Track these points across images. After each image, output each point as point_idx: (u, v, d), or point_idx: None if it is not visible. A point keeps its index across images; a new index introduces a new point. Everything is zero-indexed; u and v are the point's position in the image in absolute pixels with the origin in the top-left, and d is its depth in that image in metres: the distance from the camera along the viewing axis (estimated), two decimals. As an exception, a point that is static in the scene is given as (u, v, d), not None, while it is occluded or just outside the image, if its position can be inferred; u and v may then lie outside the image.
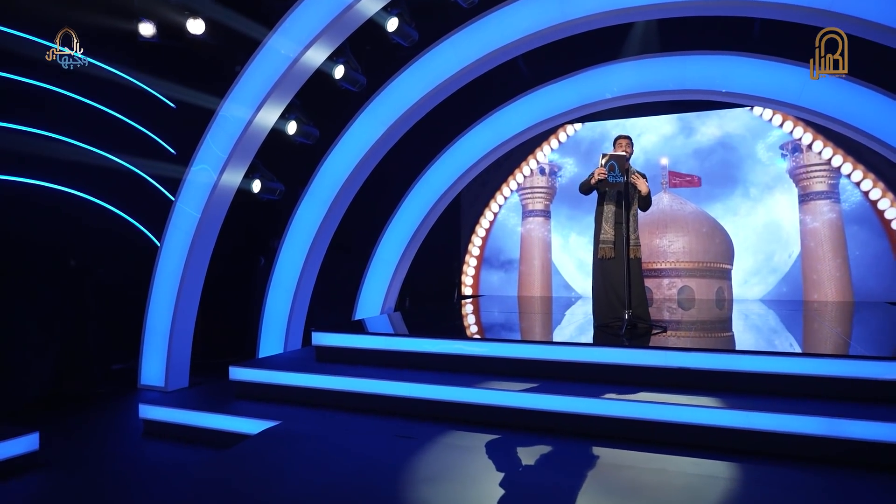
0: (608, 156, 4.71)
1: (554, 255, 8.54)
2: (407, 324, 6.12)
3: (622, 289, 4.86)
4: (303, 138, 6.22)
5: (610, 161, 4.67)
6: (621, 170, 4.69)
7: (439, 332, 5.27)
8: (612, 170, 4.67)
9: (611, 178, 4.70)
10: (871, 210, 7.05)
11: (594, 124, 8.32)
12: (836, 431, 3.25)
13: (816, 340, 4.52)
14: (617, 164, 4.67)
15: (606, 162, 4.69)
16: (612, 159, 4.68)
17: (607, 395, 3.83)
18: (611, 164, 4.67)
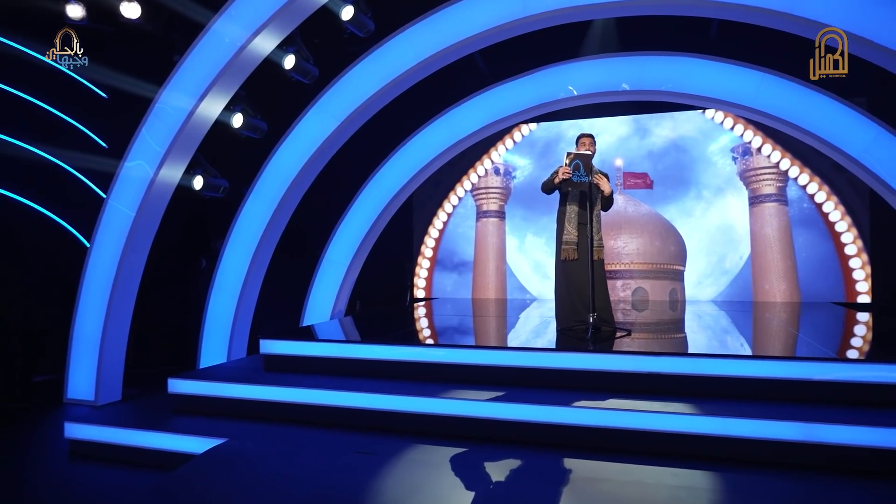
0: (573, 154, 4.58)
1: (509, 256, 8.41)
2: (361, 329, 5.83)
3: (586, 291, 4.73)
4: (249, 132, 5.84)
5: (575, 160, 4.54)
6: (586, 169, 4.56)
7: (398, 338, 5.01)
8: (576, 169, 4.53)
9: (575, 178, 4.56)
10: (817, 213, 7.22)
11: (549, 125, 8.24)
12: (812, 437, 3.19)
13: (781, 343, 4.51)
14: (582, 164, 4.54)
15: (571, 161, 4.55)
16: (577, 158, 4.55)
17: (578, 402, 3.67)
18: (575, 164, 4.53)
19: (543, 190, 4.90)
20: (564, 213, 4.88)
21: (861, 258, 7.02)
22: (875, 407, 3.38)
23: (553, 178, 4.74)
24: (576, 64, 6.55)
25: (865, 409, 3.34)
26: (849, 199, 7.07)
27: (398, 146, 6.97)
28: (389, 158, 7.01)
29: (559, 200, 4.98)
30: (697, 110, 7.56)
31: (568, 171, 4.55)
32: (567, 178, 4.57)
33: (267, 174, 6.13)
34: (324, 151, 6.24)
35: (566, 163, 4.61)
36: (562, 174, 4.59)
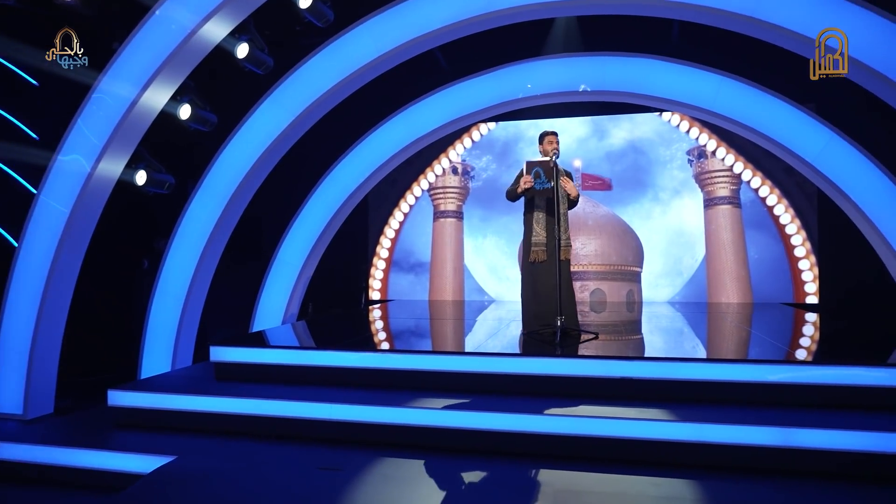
0: (532, 163, 4.49)
1: (466, 257, 8.27)
2: (318, 334, 5.56)
3: (554, 293, 4.63)
4: (198, 125, 5.47)
5: (535, 168, 4.46)
6: (547, 176, 4.49)
7: (359, 343, 4.78)
8: (537, 177, 4.47)
9: (537, 186, 4.51)
10: (768, 215, 7.38)
11: (508, 124, 8.14)
12: (789, 441, 3.16)
13: (749, 346, 4.52)
14: (542, 171, 4.47)
15: (531, 170, 4.47)
16: (537, 166, 4.47)
17: (552, 410, 3.54)
18: (536, 172, 4.46)
19: (508, 198, 4.80)
20: (532, 216, 4.77)
21: (809, 260, 7.22)
22: (851, 410, 3.39)
23: (516, 188, 4.64)
24: (537, 63, 6.46)
25: (841, 413, 3.34)
26: (798, 201, 7.26)
27: (356, 143, 6.72)
28: (346, 155, 6.76)
29: (525, 202, 4.86)
30: (655, 113, 7.61)
31: (529, 181, 4.48)
32: (529, 186, 4.49)
33: (216, 170, 5.78)
34: (277, 147, 5.94)
35: (525, 172, 4.52)
36: (523, 184, 4.51)
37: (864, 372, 3.47)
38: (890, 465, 3.02)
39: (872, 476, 3.02)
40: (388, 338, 5.29)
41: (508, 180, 8.25)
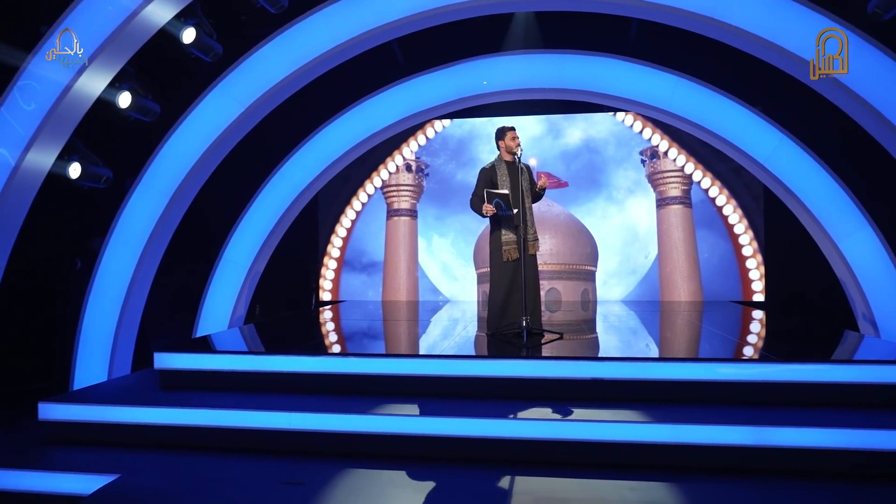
0: (493, 194, 4.41)
1: (420, 257, 8.11)
2: (269, 338, 5.28)
3: (520, 292, 4.54)
4: (139, 114, 5.09)
5: (495, 200, 4.38)
6: (507, 205, 4.42)
7: (315, 347, 4.55)
8: (498, 207, 4.40)
9: (500, 213, 4.44)
10: (717, 215, 7.54)
11: (462, 121, 8.02)
12: (762, 441, 3.15)
13: (714, 344, 4.54)
14: (503, 203, 4.40)
15: (491, 199, 4.39)
16: (497, 198, 4.39)
17: (524, 414, 3.43)
18: (496, 203, 4.37)
19: (472, 209, 4.71)
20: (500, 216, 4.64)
21: (756, 258, 7.42)
22: (822, 408, 3.41)
23: (480, 207, 4.56)
24: (496, 59, 6.38)
25: (812, 410, 3.36)
26: (745, 202, 7.45)
27: (308, 137, 6.46)
28: (298, 150, 6.49)
29: (492, 200, 4.74)
30: (609, 112, 7.66)
31: (491, 209, 4.41)
32: (492, 214, 4.44)
33: (158, 163, 5.42)
34: (225, 140, 5.63)
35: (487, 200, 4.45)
36: (486, 212, 4.48)
37: (831, 369, 3.51)
38: (862, 461, 3.04)
39: (846, 474, 3.04)
40: (345, 341, 5.07)
41: (464, 179, 8.17)
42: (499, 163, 4.68)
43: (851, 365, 3.56)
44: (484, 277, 7.95)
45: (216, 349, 4.50)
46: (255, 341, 5.11)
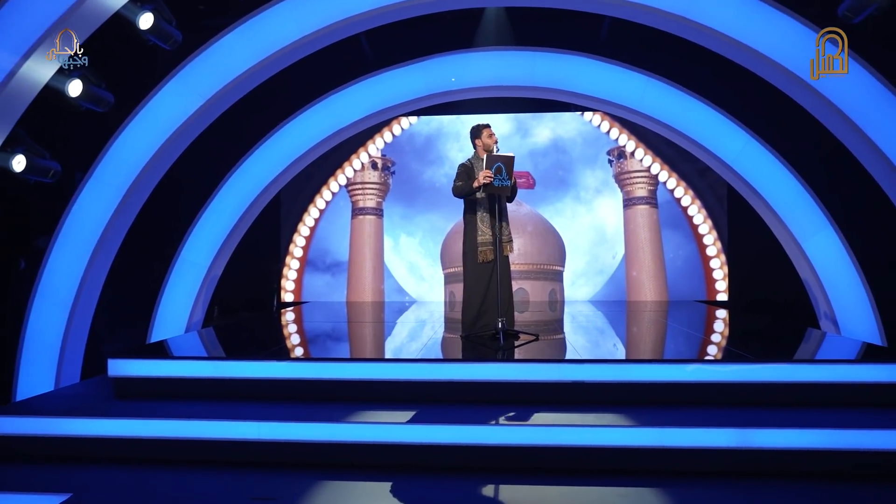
0: (495, 157, 4.22)
1: (386, 256, 7.92)
2: (231, 342, 5.03)
3: (495, 294, 4.43)
4: (91, 104, 4.75)
5: (497, 164, 4.18)
6: (508, 172, 4.23)
7: (284, 352, 4.34)
8: (498, 172, 4.18)
9: (496, 183, 4.21)
10: (682, 215, 7.60)
11: (430, 119, 7.88)
12: (746, 443, 3.11)
13: (692, 345, 4.52)
14: (504, 167, 4.20)
15: (492, 164, 4.20)
16: (500, 161, 4.20)
17: (506, 419, 3.31)
18: (497, 167, 4.18)
19: (458, 195, 4.51)
20: (476, 215, 4.51)
21: (720, 259, 7.51)
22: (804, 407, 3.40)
23: (471, 183, 4.36)
24: (466, 55, 6.26)
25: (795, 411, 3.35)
26: (710, 202, 7.53)
27: (272, 132, 6.21)
28: (261, 145, 6.23)
29: (466, 200, 4.59)
30: (577, 112, 7.64)
31: (489, 175, 4.20)
32: (488, 182, 4.22)
33: (112, 157, 5.10)
34: (184, 133, 5.35)
35: (485, 166, 4.23)
36: (482, 179, 4.22)
37: (808, 369, 3.52)
38: (846, 461, 3.04)
39: (831, 473, 3.03)
40: (311, 344, 4.86)
41: (431, 177, 8.03)
42: (476, 160, 4.56)
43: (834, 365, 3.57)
44: (451, 277, 7.83)
45: (176, 355, 4.24)
46: (217, 346, 4.86)
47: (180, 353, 4.38)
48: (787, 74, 4.97)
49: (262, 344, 4.93)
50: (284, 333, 5.54)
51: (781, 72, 4.97)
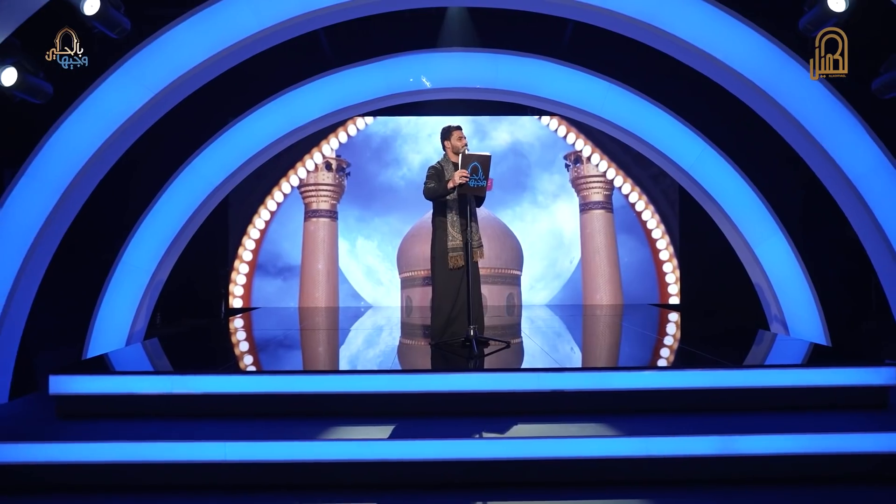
0: (471, 157, 4.10)
1: (341, 260, 7.68)
2: (185, 354, 4.71)
3: (465, 300, 4.32)
4: (26, 95, 4.32)
5: (473, 163, 4.07)
6: (485, 172, 4.13)
7: (240, 364, 4.08)
8: (475, 172, 4.08)
9: (472, 183, 4.10)
10: (637, 220, 7.73)
11: (387, 120, 7.70)
12: (730, 450, 3.12)
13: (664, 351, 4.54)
14: (481, 167, 4.09)
15: (468, 164, 4.08)
16: (476, 160, 4.09)
17: (486, 432, 3.20)
18: (474, 166, 4.07)
19: (430, 197, 4.36)
20: (446, 218, 4.38)
21: (672, 263, 7.67)
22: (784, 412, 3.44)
23: (445, 184, 4.22)
24: (429, 55, 6.13)
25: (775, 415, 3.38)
26: (663, 208, 7.68)
27: (224, 129, 5.88)
28: (212, 143, 5.89)
29: (436, 203, 4.46)
30: (535, 116, 7.64)
31: (465, 176, 4.08)
32: (464, 182, 4.09)
33: (48, 153, 4.67)
34: (129, 129, 4.96)
35: (461, 165, 4.11)
36: (458, 179, 4.10)
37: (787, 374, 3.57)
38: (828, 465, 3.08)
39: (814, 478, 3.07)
40: (270, 355, 4.61)
41: (387, 180, 7.84)
42: (446, 163, 4.44)
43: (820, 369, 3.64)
44: (408, 282, 7.67)
45: (125, 369, 3.92)
46: (169, 358, 4.53)
47: (129, 366, 4.05)
48: (748, 84, 5.08)
49: (216, 355, 4.64)
50: (239, 343, 5.25)
51: (742, 81, 5.08)
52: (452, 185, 4.12)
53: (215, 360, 4.37)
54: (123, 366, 4.06)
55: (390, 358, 4.39)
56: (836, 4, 4.16)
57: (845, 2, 4.16)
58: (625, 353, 4.65)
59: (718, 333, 5.50)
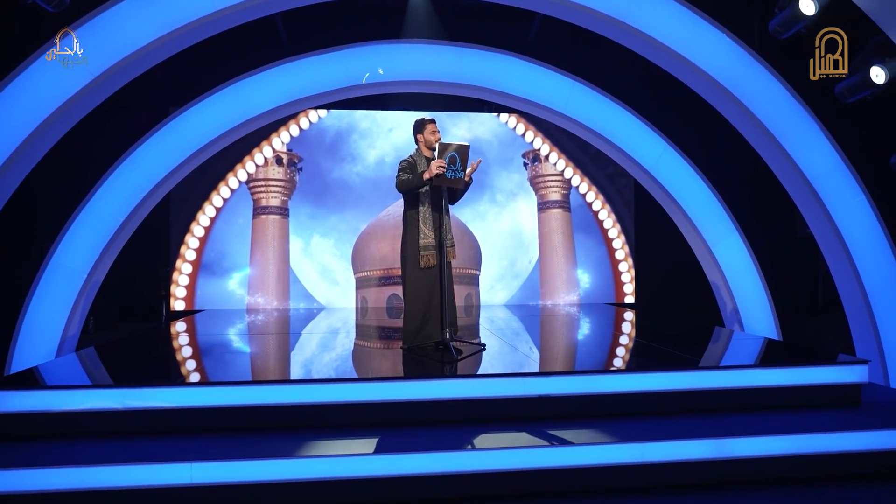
0: (448, 146, 3.89)
1: (293, 259, 7.31)
2: (130, 363, 4.28)
3: (439, 302, 4.13)
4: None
5: (451, 153, 3.85)
6: (462, 163, 3.92)
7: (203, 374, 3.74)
8: (452, 163, 3.86)
9: (449, 174, 3.88)
10: (594, 219, 7.73)
11: (342, 113, 7.38)
12: (724, 453, 3.06)
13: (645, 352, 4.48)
14: (458, 157, 3.88)
15: (445, 154, 3.86)
16: (454, 151, 3.87)
17: (481, 441, 3.02)
18: (451, 157, 3.85)
19: (403, 189, 4.12)
20: (418, 214, 4.17)
21: (627, 262, 7.72)
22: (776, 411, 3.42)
23: (421, 175, 3.99)
24: (392, 46, 5.89)
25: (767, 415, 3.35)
26: (618, 207, 7.72)
27: (170, 117, 5.45)
28: (156, 132, 5.45)
29: (408, 199, 4.25)
30: (493, 113, 7.51)
31: (443, 166, 3.85)
32: (441, 173, 3.87)
33: (-30, 140, 4.16)
34: (66, 114, 4.53)
35: (438, 155, 3.89)
36: (435, 169, 3.87)
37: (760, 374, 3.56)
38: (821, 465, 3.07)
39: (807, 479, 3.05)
40: (228, 363, 4.26)
41: (341, 176, 7.52)
42: (418, 157, 4.23)
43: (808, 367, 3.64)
44: (363, 282, 7.39)
45: (63, 382, 3.49)
46: (112, 368, 4.10)
47: (67, 378, 3.62)
48: (714, 84, 5.12)
49: (162, 364, 4.25)
50: (188, 349, 4.85)
51: (709, 81, 5.12)
52: (429, 176, 3.90)
53: (162, 371, 4.00)
54: (60, 377, 3.63)
55: (362, 363, 4.14)
56: (807, 7, 4.22)
57: (815, 5, 4.22)
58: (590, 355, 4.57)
59: (683, 332, 5.52)
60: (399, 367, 3.92)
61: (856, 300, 5.36)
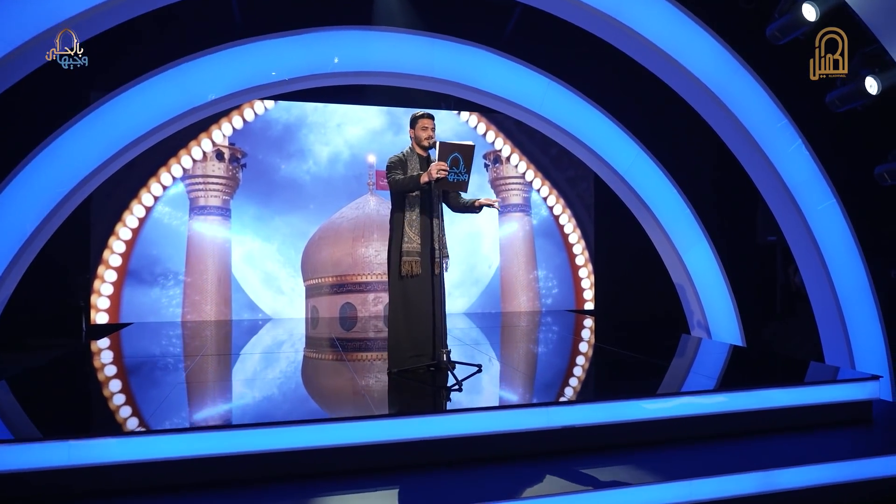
0: (450, 146, 3.46)
1: (235, 266, 6.59)
2: (56, 402, 3.54)
3: (429, 318, 3.69)
4: None
5: (454, 154, 3.43)
6: (466, 165, 3.50)
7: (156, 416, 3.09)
8: (455, 165, 3.44)
9: (451, 178, 3.47)
10: (555, 224, 7.49)
11: (290, 105, 6.73)
12: (772, 486, 2.81)
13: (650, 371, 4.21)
14: (462, 159, 3.47)
15: (447, 155, 3.43)
16: (457, 151, 3.45)
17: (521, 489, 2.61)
18: (454, 158, 3.43)
19: (396, 189, 3.65)
20: (404, 216, 3.72)
21: (587, 268, 7.54)
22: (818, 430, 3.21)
23: (416, 177, 3.54)
24: (357, 32, 5.38)
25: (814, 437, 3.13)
26: (579, 212, 7.52)
27: (97, 103, 4.68)
28: (81, 119, 4.66)
29: (395, 200, 3.79)
30: (453, 111, 7.10)
31: (444, 169, 3.42)
32: (442, 176, 3.44)
33: None
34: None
35: (438, 157, 3.45)
36: (436, 172, 3.43)
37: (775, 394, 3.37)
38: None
39: None
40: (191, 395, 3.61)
41: (290, 173, 6.86)
42: (410, 154, 3.78)
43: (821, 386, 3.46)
44: (314, 290, 6.79)
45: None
46: (24, 408, 3.34)
47: None
48: (700, 87, 4.97)
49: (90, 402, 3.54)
50: (109, 381, 4.11)
51: (694, 83, 4.96)
52: (427, 179, 3.46)
53: (103, 412, 3.32)
54: None
55: (343, 394, 3.62)
56: (809, 13, 4.09)
57: (817, 12, 4.10)
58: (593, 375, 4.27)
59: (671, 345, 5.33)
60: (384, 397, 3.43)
61: (827, 304, 5.37)
